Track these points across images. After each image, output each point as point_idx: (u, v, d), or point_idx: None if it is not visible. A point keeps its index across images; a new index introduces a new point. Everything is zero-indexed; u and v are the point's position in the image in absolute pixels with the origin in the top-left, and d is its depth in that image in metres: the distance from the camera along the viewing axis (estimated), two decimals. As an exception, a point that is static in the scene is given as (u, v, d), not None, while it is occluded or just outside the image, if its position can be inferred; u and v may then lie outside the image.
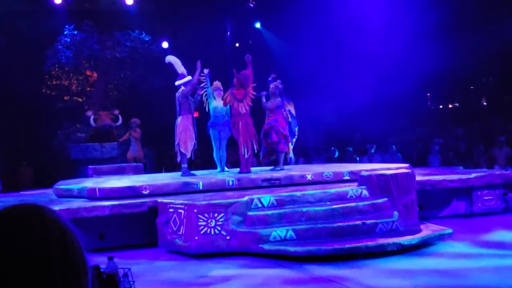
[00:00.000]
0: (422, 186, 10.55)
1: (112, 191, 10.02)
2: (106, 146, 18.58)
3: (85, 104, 20.11)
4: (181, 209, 8.80)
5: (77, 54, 19.32)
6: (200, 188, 10.28)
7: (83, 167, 16.53)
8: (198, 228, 8.53)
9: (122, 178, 12.19)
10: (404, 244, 8.13)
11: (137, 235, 9.54)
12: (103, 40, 19.50)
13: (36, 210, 1.24)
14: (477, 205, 11.25)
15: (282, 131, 11.76)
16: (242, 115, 11.47)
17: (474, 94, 24.96)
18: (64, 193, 10.80)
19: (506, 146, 16.06)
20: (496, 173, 11.73)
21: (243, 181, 10.66)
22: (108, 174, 13.98)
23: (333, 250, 7.91)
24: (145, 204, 9.39)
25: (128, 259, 7.62)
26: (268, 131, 11.73)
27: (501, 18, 19.79)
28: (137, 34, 19.90)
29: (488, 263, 7.33)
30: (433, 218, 10.52)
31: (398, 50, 19.61)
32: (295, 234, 8.43)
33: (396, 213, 9.01)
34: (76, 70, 20.42)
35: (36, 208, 1.25)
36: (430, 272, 6.98)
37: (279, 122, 11.75)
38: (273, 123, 11.72)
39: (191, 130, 11.40)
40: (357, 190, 9.63)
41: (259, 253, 8.26)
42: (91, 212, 9.05)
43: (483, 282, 6.45)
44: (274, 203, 9.11)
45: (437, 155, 16.83)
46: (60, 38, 19.23)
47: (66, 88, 20.48)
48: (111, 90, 20.77)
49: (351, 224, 8.61)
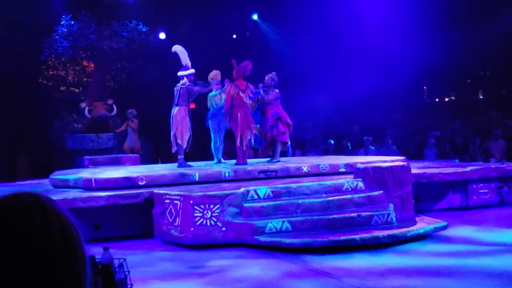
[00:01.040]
0: (418, 178, 10.59)
1: (108, 182, 10.02)
2: (103, 137, 18.55)
3: (82, 95, 20.07)
4: (177, 200, 8.82)
5: (74, 44, 19.24)
6: (196, 179, 10.28)
7: (80, 158, 16.52)
8: (194, 219, 8.55)
9: (118, 169, 12.20)
10: (399, 236, 8.17)
11: (133, 226, 9.56)
12: (100, 31, 19.43)
13: (35, 199, 1.25)
14: (473, 198, 11.30)
15: (288, 121, 11.81)
16: (242, 106, 11.46)
17: (470, 88, 24.97)
18: (60, 183, 10.80)
19: (501, 139, 16.09)
20: (492, 167, 11.77)
21: (239, 173, 10.67)
22: (104, 165, 13.98)
23: (329, 242, 7.94)
24: (141, 195, 9.40)
25: (123, 250, 7.63)
26: (274, 123, 11.71)
27: (499, 11, 19.77)
28: (134, 25, 19.83)
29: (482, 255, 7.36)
30: (429, 210, 10.57)
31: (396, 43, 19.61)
32: (290, 226, 8.45)
33: (392, 205, 9.04)
34: (73, 61, 20.36)
35: (35, 196, 1.26)
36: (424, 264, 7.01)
37: (282, 113, 11.78)
38: (279, 114, 11.73)
39: (188, 121, 11.40)
40: (353, 183, 9.66)
41: (255, 245, 8.29)
42: (87, 202, 9.06)
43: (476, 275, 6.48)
44: (270, 195, 9.13)
45: (433, 148, 16.86)
46: (57, 28, 19.16)
47: (62, 78, 20.43)
48: (108, 81, 20.72)
49: (346, 216, 8.64)
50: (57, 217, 1.24)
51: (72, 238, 1.24)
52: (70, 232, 1.25)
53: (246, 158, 11.73)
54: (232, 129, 11.72)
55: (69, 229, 1.25)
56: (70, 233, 1.25)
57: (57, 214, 1.24)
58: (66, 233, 1.23)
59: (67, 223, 1.25)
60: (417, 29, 19.38)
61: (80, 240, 1.27)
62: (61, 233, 1.22)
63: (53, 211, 1.24)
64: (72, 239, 1.24)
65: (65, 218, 1.25)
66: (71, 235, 1.24)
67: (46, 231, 1.20)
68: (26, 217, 1.20)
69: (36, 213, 1.22)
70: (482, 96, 24.33)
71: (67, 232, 1.24)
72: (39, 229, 1.20)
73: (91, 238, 3.80)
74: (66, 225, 1.24)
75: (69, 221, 1.26)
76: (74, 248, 1.24)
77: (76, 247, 1.25)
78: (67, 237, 1.23)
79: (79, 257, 1.25)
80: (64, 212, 1.26)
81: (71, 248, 1.23)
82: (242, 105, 11.47)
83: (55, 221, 1.23)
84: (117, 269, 3.66)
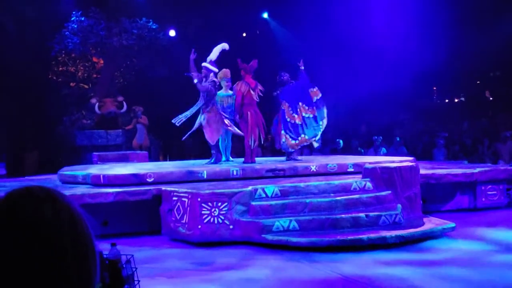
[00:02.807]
0: (426, 179, 10.56)
1: (116, 178, 10.05)
2: (111, 133, 18.61)
3: (91, 91, 20.14)
4: (185, 198, 8.82)
5: (84, 41, 19.31)
6: (204, 177, 10.30)
7: (88, 154, 16.58)
8: (202, 217, 8.55)
9: (126, 166, 12.22)
10: (406, 236, 8.15)
11: (140, 222, 9.57)
12: (110, 27, 19.48)
13: (47, 193, 1.26)
14: (481, 199, 11.26)
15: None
16: (252, 104, 11.47)
17: (480, 89, 24.88)
18: (69, 179, 10.83)
19: (510, 141, 16.01)
20: (501, 168, 11.72)
21: (247, 171, 10.67)
22: (112, 161, 14.03)
23: (336, 241, 7.93)
24: (149, 192, 9.41)
25: (131, 246, 7.66)
26: None
27: (508, 12, 19.69)
28: (144, 22, 19.87)
29: (489, 258, 7.34)
30: (437, 212, 10.53)
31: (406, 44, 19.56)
32: (298, 225, 8.45)
33: (400, 206, 9.02)
34: (82, 57, 20.44)
35: (47, 190, 1.27)
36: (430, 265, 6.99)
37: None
38: None
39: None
40: (361, 182, 9.63)
41: (262, 243, 8.29)
42: (95, 198, 9.08)
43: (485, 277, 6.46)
44: (278, 194, 9.13)
45: (442, 149, 16.80)
46: (67, 24, 19.22)
47: (72, 74, 20.52)
48: (117, 78, 20.79)
49: (354, 216, 8.62)
50: (68, 211, 1.25)
51: (82, 232, 1.26)
52: (80, 226, 1.26)
53: (255, 157, 11.76)
54: (241, 127, 11.69)
55: (79, 224, 1.26)
56: (80, 228, 1.26)
57: (68, 208, 1.25)
58: (76, 227, 1.25)
59: (77, 217, 1.26)
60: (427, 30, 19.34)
61: (90, 235, 1.28)
62: (71, 227, 1.23)
63: (64, 205, 1.25)
64: (82, 233, 1.25)
65: (75, 213, 1.26)
66: (81, 229, 1.26)
67: (56, 224, 1.21)
68: (37, 210, 1.21)
69: (47, 206, 1.23)
70: (492, 97, 24.23)
71: (77, 226, 1.25)
72: (50, 222, 1.21)
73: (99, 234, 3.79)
74: (77, 220, 1.26)
75: (79, 215, 1.27)
76: (84, 242, 1.25)
77: (85, 241, 1.26)
78: (77, 231, 1.24)
79: (88, 251, 1.26)
80: (75, 207, 1.28)
81: (81, 242, 1.25)
82: (252, 104, 11.49)
83: (66, 215, 1.24)
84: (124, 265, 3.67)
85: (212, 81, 11.29)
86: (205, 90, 11.27)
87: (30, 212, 1.21)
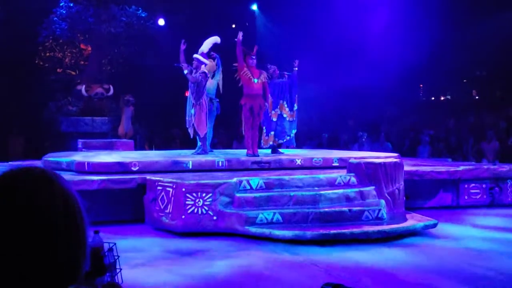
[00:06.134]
0: (410, 176, 10.62)
1: (101, 166, 10.02)
2: (97, 121, 18.54)
3: (78, 77, 20.01)
4: (169, 187, 8.83)
5: (72, 27, 19.17)
6: (189, 167, 10.30)
7: (73, 141, 16.49)
8: (186, 207, 8.56)
9: (111, 154, 12.18)
10: (389, 232, 8.20)
11: (124, 211, 9.56)
12: (99, 14, 19.35)
13: (43, 173, 1.28)
14: (464, 197, 11.35)
15: None
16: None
17: (466, 88, 25.01)
18: (53, 166, 10.77)
19: (495, 140, 16.13)
20: (484, 167, 11.81)
21: (233, 163, 10.68)
22: (97, 149, 13.97)
23: (319, 235, 7.97)
24: (133, 181, 9.41)
25: (114, 234, 7.64)
26: None
27: (496, 11, 19.80)
28: (134, 10, 19.76)
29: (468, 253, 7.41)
30: (420, 208, 10.61)
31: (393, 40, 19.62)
32: (281, 218, 8.48)
33: (383, 201, 9.08)
34: (70, 43, 20.28)
35: (43, 171, 1.29)
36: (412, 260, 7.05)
37: None
38: None
39: None
40: (345, 177, 9.68)
41: (245, 235, 8.31)
42: (79, 186, 9.04)
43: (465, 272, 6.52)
44: (262, 186, 9.15)
45: (427, 146, 16.89)
46: (55, 9, 19.07)
47: (59, 60, 20.35)
48: (105, 65, 20.66)
49: (337, 210, 8.67)
50: (63, 192, 1.27)
51: (75, 213, 1.28)
52: (74, 207, 1.28)
53: (256, 148, 11.59)
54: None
55: (73, 205, 1.28)
56: (74, 208, 1.28)
57: (63, 189, 1.28)
58: (69, 207, 1.27)
59: (71, 198, 1.28)
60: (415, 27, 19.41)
61: (82, 216, 1.30)
62: (65, 207, 1.25)
63: (59, 186, 1.27)
64: (75, 214, 1.28)
65: (70, 194, 1.29)
66: (74, 210, 1.28)
67: (51, 203, 1.23)
68: (33, 189, 1.23)
69: (43, 185, 1.25)
70: (478, 96, 24.37)
71: (71, 207, 1.27)
72: (44, 201, 1.22)
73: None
74: (70, 201, 1.28)
75: (74, 197, 1.30)
76: (76, 222, 1.27)
77: (78, 221, 1.28)
78: (70, 212, 1.26)
79: (80, 231, 1.28)
80: (70, 189, 1.30)
81: (74, 222, 1.27)
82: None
83: (60, 195, 1.26)
84: (106, 253, 3.66)
85: (202, 72, 11.28)
86: (194, 81, 11.25)
87: (25, 194, 1.22)
